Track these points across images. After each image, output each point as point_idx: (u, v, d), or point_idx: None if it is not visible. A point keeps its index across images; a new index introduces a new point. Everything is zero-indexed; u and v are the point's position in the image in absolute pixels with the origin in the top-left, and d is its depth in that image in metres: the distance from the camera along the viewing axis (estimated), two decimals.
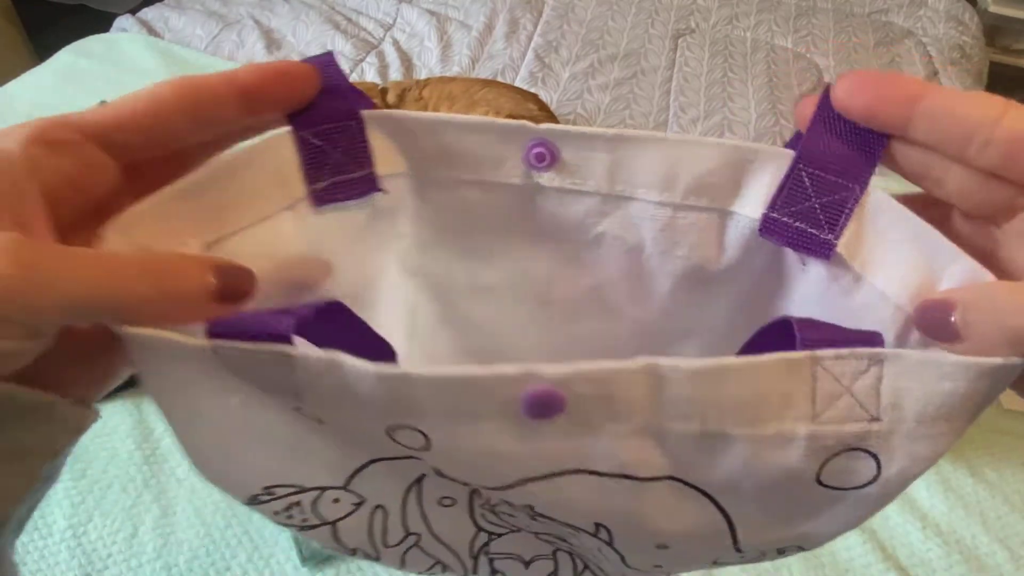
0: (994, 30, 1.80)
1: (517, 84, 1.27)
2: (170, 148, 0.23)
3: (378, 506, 0.26)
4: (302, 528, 0.26)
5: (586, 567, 0.29)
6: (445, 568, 0.30)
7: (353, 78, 1.30)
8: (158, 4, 1.48)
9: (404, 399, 0.19)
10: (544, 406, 0.19)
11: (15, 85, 1.25)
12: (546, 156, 0.25)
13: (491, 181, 0.27)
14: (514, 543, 0.28)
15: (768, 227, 0.24)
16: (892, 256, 0.22)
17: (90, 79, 1.25)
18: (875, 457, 0.20)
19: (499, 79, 1.27)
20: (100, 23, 1.45)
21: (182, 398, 0.22)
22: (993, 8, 1.74)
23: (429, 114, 0.25)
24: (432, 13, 1.46)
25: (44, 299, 0.18)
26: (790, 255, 0.25)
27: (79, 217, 0.22)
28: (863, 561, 0.69)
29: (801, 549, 0.25)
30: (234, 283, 0.21)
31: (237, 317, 0.20)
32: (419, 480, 0.25)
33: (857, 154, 0.22)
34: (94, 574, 0.62)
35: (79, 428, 0.21)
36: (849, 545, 0.68)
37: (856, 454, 0.20)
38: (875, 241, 0.22)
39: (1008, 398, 0.81)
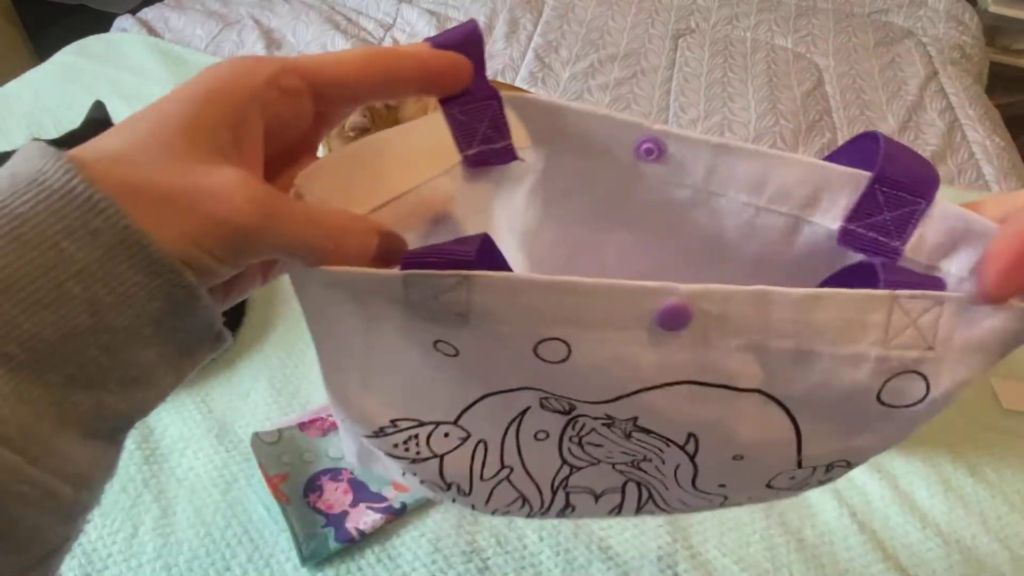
0: (994, 30, 1.80)
1: (517, 84, 1.27)
2: (356, 105, 0.27)
3: (481, 440, 0.30)
4: (414, 461, 0.30)
5: (650, 498, 0.33)
6: (525, 502, 0.34)
7: None
8: (158, 4, 1.48)
9: (563, 307, 0.23)
10: (674, 318, 0.24)
11: (15, 85, 1.25)
12: (654, 151, 0.29)
13: (602, 163, 0.30)
14: (590, 476, 0.32)
15: (845, 237, 0.29)
16: (956, 249, 0.27)
17: (90, 79, 1.25)
18: (926, 380, 0.25)
19: (499, 79, 1.27)
20: (100, 23, 1.45)
21: (341, 329, 0.26)
22: (993, 8, 1.74)
23: (556, 100, 0.29)
24: (432, 13, 1.46)
25: (270, 243, 0.22)
26: (850, 257, 0.29)
27: (272, 156, 0.25)
28: (863, 561, 0.69)
29: (848, 465, 0.30)
30: (389, 247, 0.25)
31: (421, 251, 0.24)
32: (522, 414, 0.29)
33: (927, 175, 0.27)
34: (94, 574, 0.62)
35: (223, 341, 0.24)
36: (849, 545, 0.68)
37: (911, 376, 0.25)
38: (939, 239, 0.28)
39: (1008, 398, 0.81)
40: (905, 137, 1.22)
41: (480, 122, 0.29)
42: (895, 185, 0.28)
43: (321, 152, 1.05)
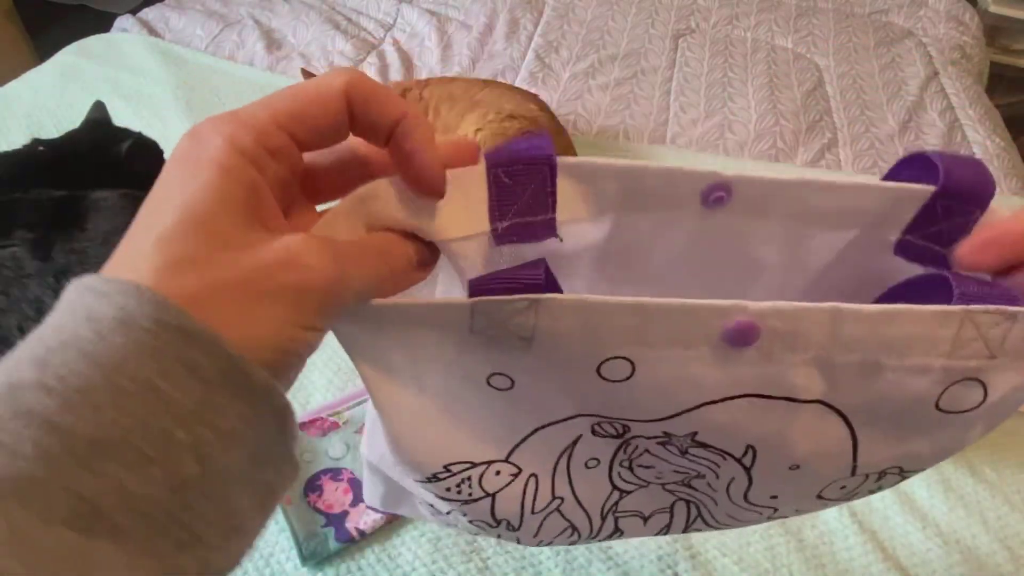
0: (994, 30, 1.80)
1: (517, 84, 1.27)
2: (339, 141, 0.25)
3: (532, 474, 0.30)
4: (466, 502, 0.30)
5: (698, 515, 0.33)
6: (574, 531, 0.33)
7: None
8: (158, 4, 1.48)
9: (631, 327, 0.24)
10: (743, 336, 0.24)
11: (16, 85, 1.25)
12: (724, 197, 0.28)
13: (669, 218, 0.29)
14: (639, 499, 0.33)
15: (902, 248, 0.29)
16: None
17: (91, 79, 1.25)
18: (984, 386, 0.26)
19: (499, 79, 1.27)
20: (101, 23, 1.45)
21: (394, 376, 0.26)
22: (993, 8, 1.74)
23: (620, 161, 0.28)
24: (432, 13, 1.46)
25: (352, 288, 0.21)
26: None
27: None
28: (863, 561, 0.69)
29: (900, 473, 0.30)
30: (424, 252, 0.25)
31: (487, 278, 0.24)
32: (573, 443, 0.29)
33: (984, 185, 0.27)
34: None
35: (297, 470, 0.23)
36: (849, 545, 0.68)
37: (971, 383, 0.25)
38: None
39: None
40: (905, 137, 1.22)
41: (524, 188, 0.27)
42: (956, 198, 0.28)
43: None
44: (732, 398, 0.26)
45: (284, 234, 0.21)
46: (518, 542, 0.35)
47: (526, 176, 0.27)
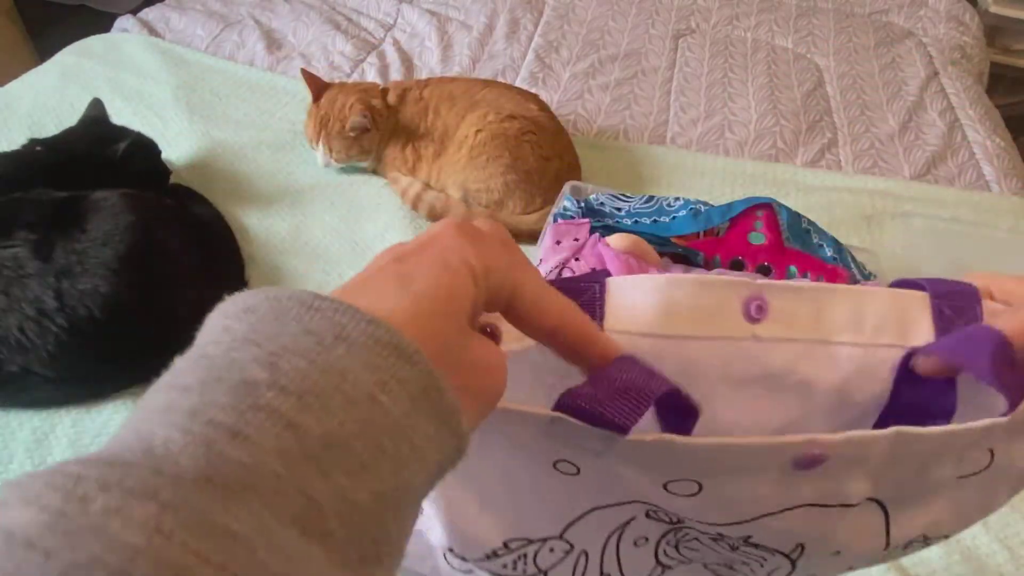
0: (994, 30, 1.80)
1: (518, 84, 1.27)
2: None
3: (583, 551, 0.31)
4: None
5: None
6: None
7: (354, 78, 1.30)
8: (159, 4, 1.48)
9: (707, 460, 0.25)
10: (811, 462, 0.25)
11: (16, 85, 1.25)
12: (764, 308, 0.28)
13: (714, 336, 0.29)
14: (680, 573, 0.34)
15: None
16: None
17: (91, 79, 1.25)
18: (990, 451, 0.28)
19: (500, 79, 1.27)
20: (101, 23, 1.45)
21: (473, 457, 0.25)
22: (993, 8, 1.74)
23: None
24: (433, 13, 1.46)
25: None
26: None
27: None
28: None
29: (924, 541, 0.31)
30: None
31: (578, 400, 0.24)
32: (626, 524, 0.30)
33: (961, 285, 0.30)
34: None
35: None
36: None
37: (980, 448, 0.27)
38: None
39: None
40: (905, 137, 1.23)
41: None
42: (949, 301, 0.29)
43: (321, 149, 1.04)
44: (790, 509, 0.27)
45: (498, 352, 0.23)
46: None
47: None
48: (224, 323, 0.19)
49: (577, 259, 0.77)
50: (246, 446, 0.15)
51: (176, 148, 1.11)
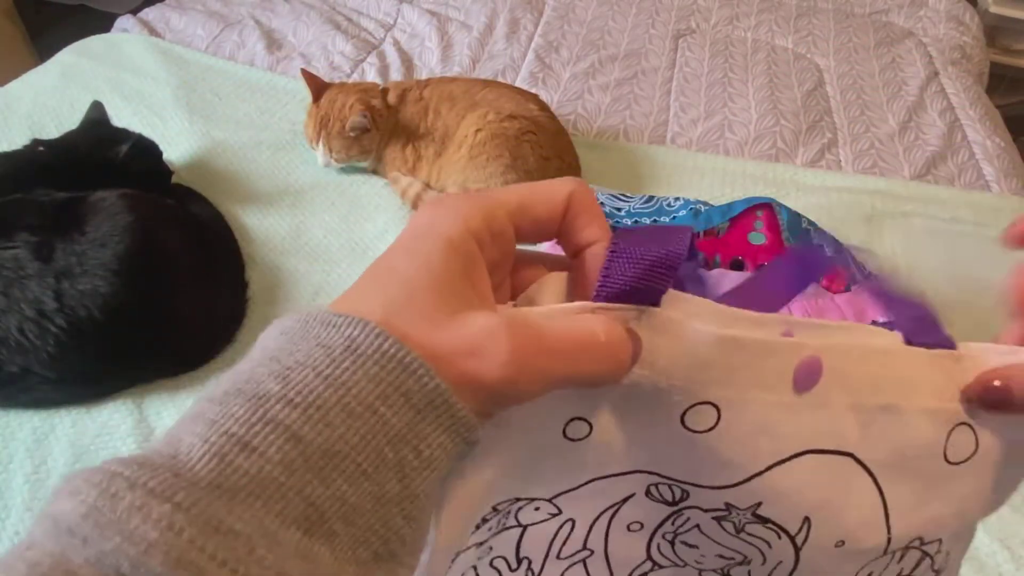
0: (994, 30, 1.80)
1: (518, 84, 1.27)
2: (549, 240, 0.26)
3: (570, 519, 0.29)
4: (498, 533, 0.29)
5: None
6: None
7: (354, 78, 1.30)
8: (159, 4, 1.48)
9: (724, 366, 0.24)
10: (809, 375, 0.24)
11: (17, 85, 1.25)
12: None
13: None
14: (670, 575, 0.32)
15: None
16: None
17: (91, 79, 1.25)
18: (973, 431, 0.27)
19: (500, 79, 1.27)
20: (101, 23, 1.45)
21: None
22: (994, 8, 1.74)
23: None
24: (433, 13, 1.46)
25: (525, 391, 0.22)
26: None
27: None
28: None
29: (921, 547, 0.30)
30: (637, 348, 0.24)
31: (602, 285, 0.23)
32: (624, 500, 0.28)
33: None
34: None
35: None
36: None
37: (964, 428, 0.27)
38: None
39: None
40: (905, 137, 1.22)
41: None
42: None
43: (321, 149, 1.05)
44: (797, 455, 0.26)
45: (487, 311, 0.22)
46: None
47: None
48: (262, 343, 0.21)
49: None
50: (253, 456, 0.17)
51: (176, 148, 1.11)
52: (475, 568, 0.31)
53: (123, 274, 0.76)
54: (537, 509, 0.29)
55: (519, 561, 0.31)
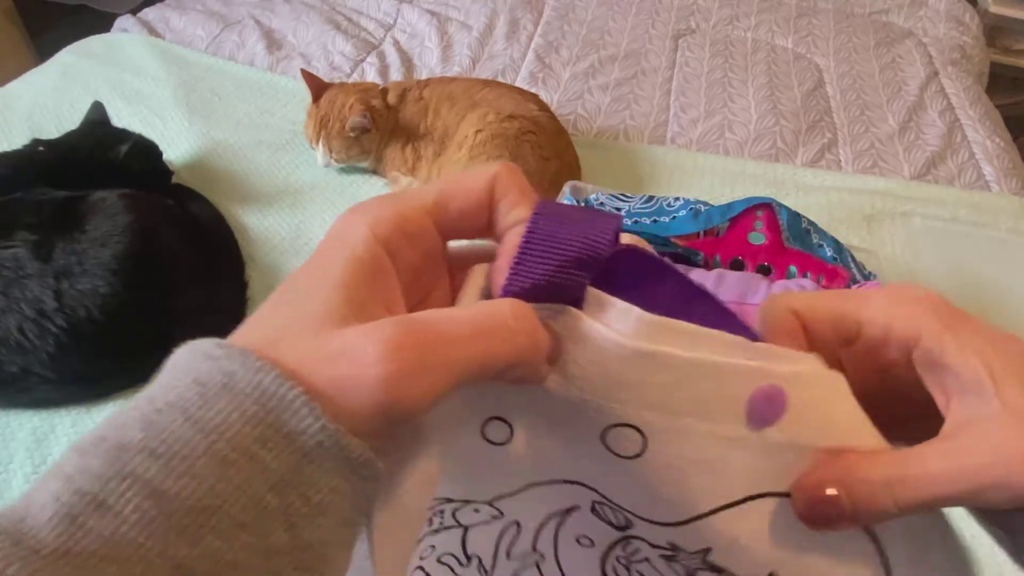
0: (994, 30, 1.80)
1: (518, 84, 1.27)
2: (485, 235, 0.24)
3: (514, 521, 0.26)
4: (436, 532, 0.27)
5: None
6: None
7: (354, 78, 1.30)
8: (159, 4, 1.48)
9: (651, 384, 0.20)
10: (769, 408, 0.20)
11: (16, 85, 1.25)
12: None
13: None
14: None
15: None
16: None
17: (91, 79, 1.25)
18: None
19: (500, 79, 1.27)
20: (101, 23, 1.45)
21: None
22: (994, 8, 1.74)
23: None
24: (433, 13, 1.46)
25: (434, 379, 0.19)
26: None
27: (418, 294, 0.23)
28: None
29: None
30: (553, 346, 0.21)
31: (521, 284, 0.21)
32: (568, 511, 0.25)
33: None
34: None
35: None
36: None
37: None
38: None
39: None
40: (905, 137, 1.22)
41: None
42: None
43: (320, 149, 1.04)
44: (752, 498, 0.22)
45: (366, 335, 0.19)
46: None
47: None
48: (156, 379, 0.19)
49: None
50: (108, 517, 0.16)
51: (176, 148, 1.11)
52: (422, 568, 0.29)
53: (123, 274, 0.76)
54: (477, 511, 0.26)
55: (468, 558, 0.29)
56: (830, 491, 0.21)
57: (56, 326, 0.73)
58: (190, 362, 0.18)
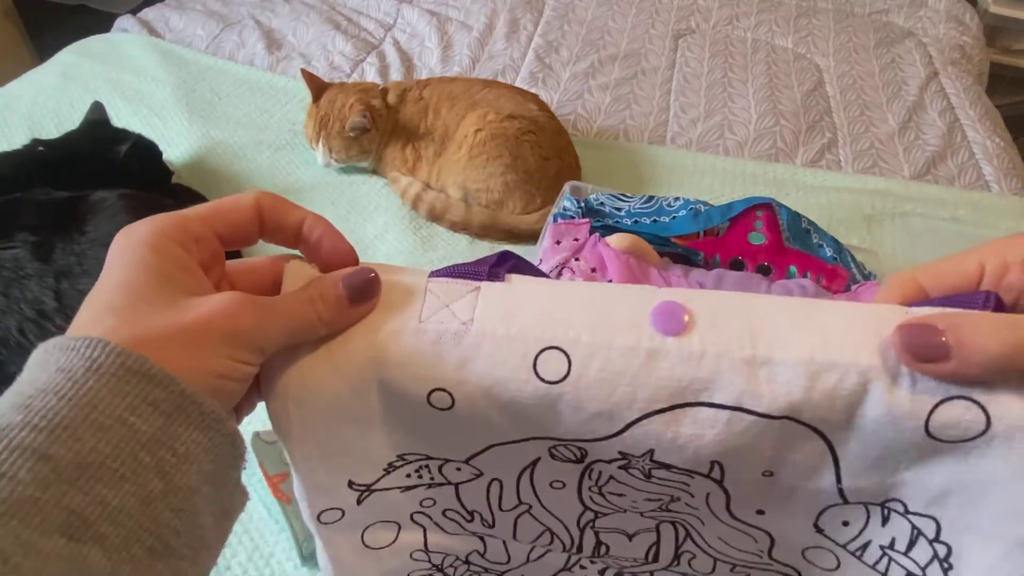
0: (994, 30, 1.80)
1: (517, 84, 1.27)
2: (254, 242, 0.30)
3: (495, 478, 0.30)
4: (429, 486, 0.31)
5: (687, 536, 0.32)
6: (554, 536, 0.33)
7: (354, 78, 1.30)
8: (159, 4, 1.48)
9: (562, 317, 0.25)
10: (670, 320, 0.24)
11: (16, 85, 1.25)
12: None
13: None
14: (619, 521, 0.32)
15: None
16: None
17: (91, 79, 1.25)
18: (984, 410, 0.23)
19: (500, 79, 1.27)
20: (101, 23, 1.45)
21: (335, 419, 0.27)
22: (993, 8, 1.74)
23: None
24: (432, 13, 1.46)
25: (272, 334, 0.25)
26: None
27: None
28: None
29: (904, 512, 0.27)
30: (360, 286, 0.27)
31: (442, 270, 0.27)
32: (533, 464, 0.29)
33: None
34: None
35: (247, 497, 0.27)
36: None
37: (964, 403, 0.23)
38: None
39: None
40: (905, 137, 1.22)
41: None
42: None
43: (320, 149, 1.04)
44: (680, 406, 0.25)
45: (214, 294, 0.25)
46: (507, 555, 0.34)
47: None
48: (17, 379, 0.22)
49: (577, 259, 0.77)
50: (3, 481, 0.19)
51: (176, 148, 1.11)
52: (427, 515, 0.32)
53: None
54: (459, 470, 0.30)
55: (470, 514, 0.32)
56: (941, 325, 0.23)
57: (56, 326, 0.73)
58: (48, 356, 0.22)
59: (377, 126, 1.06)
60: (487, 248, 0.98)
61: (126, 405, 0.21)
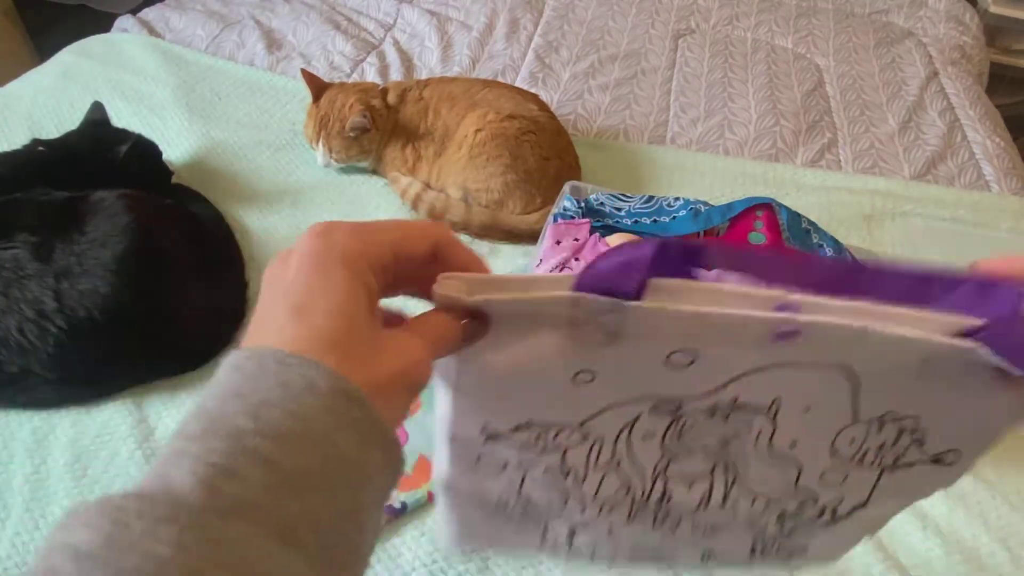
0: (994, 30, 1.80)
1: (517, 84, 1.27)
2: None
3: (598, 438, 0.35)
4: (541, 453, 0.35)
5: (735, 481, 0.38)
6: (629, 490, 0.39)
7: (354, 78, 1.30)
8: (159, 4, 1.48)
9: (695, 332, 0.29)
10: (788, 336, 0.28)
11: (17, 85, 1.25)
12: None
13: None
14: (685, 463, 0.37)
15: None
16: None
17: (91, 79, 1.25)
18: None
19: (500, 79, 1.27)
20: (101, 23, 1.45)
21: (501, 354, 0.30)
22: (993, 8, 1.74)
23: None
24: (432, 13, 1.46)
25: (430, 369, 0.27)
26: None
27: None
28: (863, 561, 0.69)
29: (914, 431, 0.34)
30: (468, 331, 0.28)
31: (590, 280, 0.28)
32: (635, 419, 0.34)
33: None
34: None
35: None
36: None
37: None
38: None
39: None
40: (905, 137, 1.23)
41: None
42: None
43: (320, 149, 1.05)
44: (770, 367, 0.31)
45: (395, 331, 0.27)
46: (582, 510, 0.39)
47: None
48: (220, 378, 0.24)
49: (577, 259, 0.77)
50: (237, 481, 0.21)
51: (176, 148, 1.11)
52: (524, 476, 0.37)
53: (123, 274, 0.76)
54: (570, 435, 0.35)
55: (566, 472, 0.37)
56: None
57: (56, 326, 0.73)
58: (262, 368, 0.23)
59: (377, 126, 1.06)
60: (487, 248, 0.98)
61: (333, 423, 0.23)
